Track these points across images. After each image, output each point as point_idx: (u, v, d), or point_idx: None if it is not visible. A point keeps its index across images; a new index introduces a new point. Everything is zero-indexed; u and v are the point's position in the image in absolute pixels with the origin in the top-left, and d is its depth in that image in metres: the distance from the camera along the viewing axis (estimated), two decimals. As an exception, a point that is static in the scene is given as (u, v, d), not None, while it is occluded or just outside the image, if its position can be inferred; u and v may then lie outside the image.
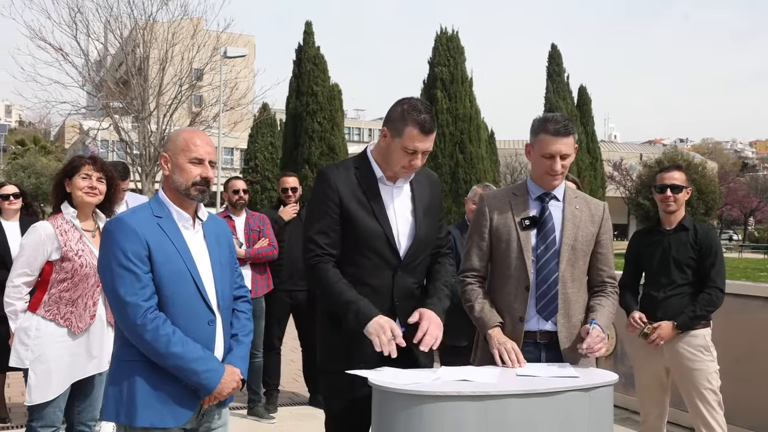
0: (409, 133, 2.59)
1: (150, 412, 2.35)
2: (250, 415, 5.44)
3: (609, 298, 2.87)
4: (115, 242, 2.36)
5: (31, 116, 79.28)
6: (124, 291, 2.32)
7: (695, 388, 3.78)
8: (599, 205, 2.94)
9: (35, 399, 3.36)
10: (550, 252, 2.80)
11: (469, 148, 21.04)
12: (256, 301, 5.40)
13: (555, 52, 31.39)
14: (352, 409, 2.67)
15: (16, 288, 3.44)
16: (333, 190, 2.64)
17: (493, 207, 2.90)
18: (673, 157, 35.32)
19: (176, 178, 2.48)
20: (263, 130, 31.36)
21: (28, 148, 60.98)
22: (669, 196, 3.89)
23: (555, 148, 2.76)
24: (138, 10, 20.55)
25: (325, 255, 2.62)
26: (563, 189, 2.92)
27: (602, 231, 2.89)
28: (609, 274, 2.92)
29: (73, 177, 3.49)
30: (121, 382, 2.38)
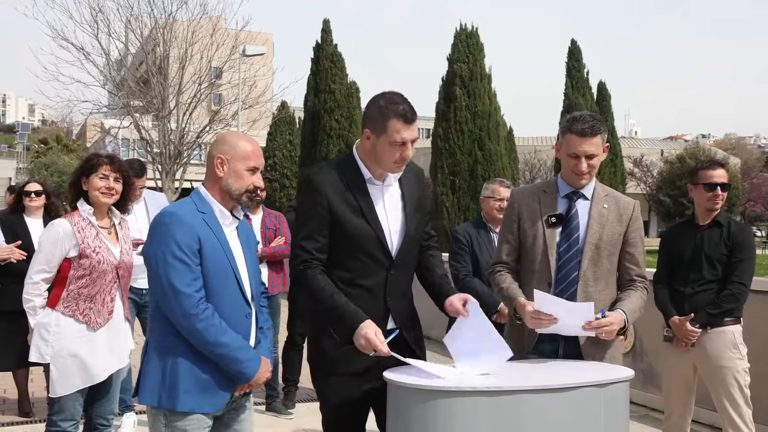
0: (393, 127, 2.57)
1: (191, 398, 2.47)
2: (268, 410, 5.48)
3: (637, 290, 2.88)
4: (170, 234, 2.45)
5: (54, 115, 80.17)
6: (179, 282, 2.43)
7: (722, 386, 3.72)
8: (629, 204, 2.93)
9: (57, 392, 3.43)
10: (573, 250, 2.82)
11: (487, 145, 20.91)
12: (273, 298, 5.44)
13: (574, 47, 31.08)
14: (347, 409, 2.67)
15: (35, 284, 3.51)
16: (321, 194, 2.60)
17: (522, 203, 2.94)
18: (695, 153, 34.85)
19: (231, 182, 2.57)
20: (282, 127, 31.42)
21: (51, 146, 61.75)
22: (719, 194, 3.81)
23: (580, 149, 2.80)
24: (158, 9, 20.72)
25: (312, 260, 2.60)
26: (593, 187, 2.92)
27: (631, 230, 2.89)
28: (638, 272, 2.91)
29: (91, 176, 3.53)
30: (164, 368, 2.48)
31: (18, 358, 5.16)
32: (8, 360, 5.24)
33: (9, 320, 5.20)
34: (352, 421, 2.71)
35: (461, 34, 21.66)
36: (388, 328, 2.66)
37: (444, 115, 21.13)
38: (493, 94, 21.57)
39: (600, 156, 2.85)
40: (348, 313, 2.53)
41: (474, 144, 20.82)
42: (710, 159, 4.38)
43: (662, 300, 3.92)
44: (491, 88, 21.56)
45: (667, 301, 3.90)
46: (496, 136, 20.95)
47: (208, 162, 2.61)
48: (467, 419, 2.19)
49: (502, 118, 21.74)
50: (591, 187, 2.91)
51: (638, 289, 2.87)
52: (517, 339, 2.89)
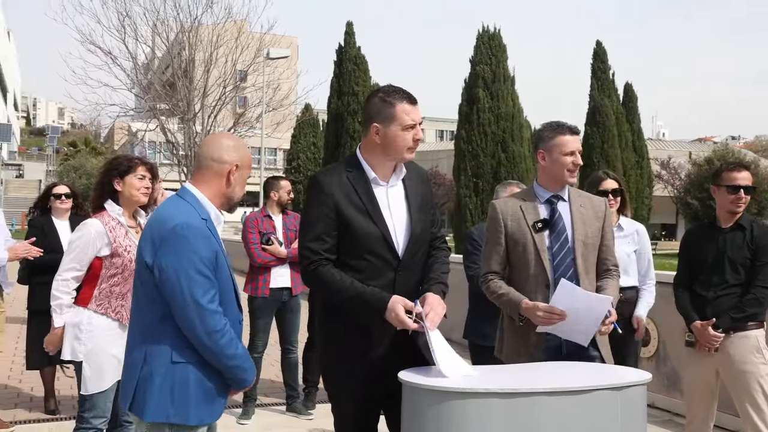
0: (401, 110, 2.63)
1: (200, 410, 2.42)
2: (288, 411, 5.51)
3: (614, 278, 3.11)
4: (191, 248, 2.35)
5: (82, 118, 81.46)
6: (204, 298, 2.34)
7: (745, 391, 3.67)
8: (600, 202, 3.20)
9: (91, 389, 3.48)
10: (564, 250, 3.00)
11: (511, 147, 20.82)
12: (294, 298, 5.48)
13: (600, 49, 30.84)
14: (359, 413, 2.70)
15: (64, 282, 3.57)
16: (327, 196, 2.62)
17: (506, 213, 3.10)
18: (724, 155, 34.31)
19: (237, 191, 2.55)
20: (306, 130, 31.63)
21: (80, 149, 62.77)
22: (742, 197, 3.75)
23: (573, 146, 3.06)
24: (184, 13, 20.94)
25: (321, 259, 2.60)
26: (567, 189, 3.13)
27: (606, 225, 3.15)
28: (613, 262, 3.16)
29: (127, 177, 3.62)
30: (172, 384, 2.39)
31: (47, 357, 5.26)
32: (37, 358, 5.34)
33: (38, 320, 5.30)
34: (364, 424, 2.72)
35: (484, 35, 21.58)
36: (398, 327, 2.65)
37: (467, 117, 21.06)
38: (516, 96, 21.46)
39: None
40: (373, 295, 2.55)
41: (497, 146, 20.74)
42: (735, 161, 4.31)
43: (683, 304, 3.87)
44: (514, 90, 21.45)
45: (688, 305, 3.85)
46: (520, 137, 20.84)
47: (213, 166, 2.51)
48: (481, 421, 2.19)
49: (526, 120, 21.63)
50: (566, 189, 3.13)
51: (614, 278, 3.11)
52: (521, 341, 3.00)
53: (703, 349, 3.73)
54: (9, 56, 76.06)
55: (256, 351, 5.37)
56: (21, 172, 63.92)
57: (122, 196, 3.64)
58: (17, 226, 35.32)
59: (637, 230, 4.27)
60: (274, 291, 5.36)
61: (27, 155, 73.68)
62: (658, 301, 4.31)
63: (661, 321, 5.65)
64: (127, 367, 2.50)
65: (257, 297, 5.36)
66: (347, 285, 2.56)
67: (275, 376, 6.33)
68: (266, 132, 22.69)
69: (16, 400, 5.79)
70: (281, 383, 5.73)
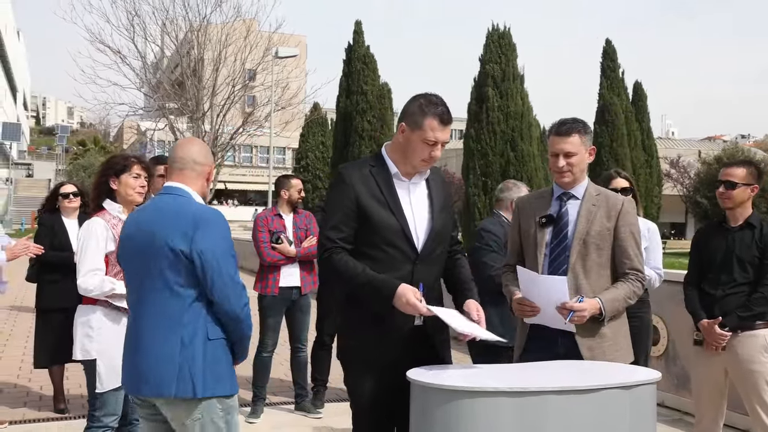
0: (429, 125, 2.69)
1: (232, 381, 2.69)
2: (297, 410, 5.51)
3: (626, 282, 2.99)
4: (225, 232, 2.65)
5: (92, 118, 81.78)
6: (237, 275, 2.63)
7: (754, 390, 3.66)
8: (618, 201, 3.08)
9: (106, 386, 3.49)
10: (561, 246, 3.01)
11: (520, 145, 20.76)
12: (304, 297, 5.48)
13: (609, 47, 30.72)
14: (378, 402, 2.70)
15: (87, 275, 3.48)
16: (349, 187, 2.70)
17: (522, 208, 3.21)
18: (733, 154, 34.11)
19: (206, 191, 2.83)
20: (314, 129, 31.62)
21: (89, 148, 63.10)
22: (722, 192, 3.79)
23: (557, 147, 3.03)
24: (193, 12, 21.01)
25: (336, 247, 2.69)
26: (584, 188, 3.09)
27: (620, 224, 3.02)
28: (631, 265, 3.01)
29: (123, 175, 3.64)
30: (211, 362, 2.57)
31: (53, 356, 5.29)
32: (45, 357, 5.37)
33: (46, 318, 5.33)
34: (382, 414, 2.72)
35: (493, 34, 21.53)
36: (416, 323, 2.71)
37: (476, 116, 21.02)
38: (526, 95, 21.39)
39: (580, 155, 3.02)
40: (384, 283, 2.61)
41: (506, 145, 20.68)
42: (741, 159, 4.31)
43: (691, 303, 3.87)
44: (524, 89, 21.38)
45: (696, 303, 3.84)
46: (529, 136, 20.77)
47: (196, 168, 2.77)
48: (490, 420, 2.18)
49: (535, 119, 21.55)
50: (582, 188, 3.08)
51: (627, 281, 2.98)
52: (521, 335, 3.10)
53: (711, 348, 3.71)
54: (18, 55, 76.47)
55: (266, 350, 5.38)
56: (30, 171, 64.28)
57: (118, 195, 3.67)
58: (27, 225, 35.51)
59: (649, 228, 4.26)
60: (284, 290, 5.36)
61: (36, 154, 74.09)
62: (667, 300, 4.29)
63: (671, 320, 5.62)
64: (155, 356, 2.57)
65: (266, 295, 5.37)
66: (359, 272, 2.63)
67: (284, 375, 6.33)
68: (275, 131, 22.73)
69: (26, 398, 5.81)
70: (290, 382, 5.73)
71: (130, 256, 2.70)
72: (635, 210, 3.14)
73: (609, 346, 2.95)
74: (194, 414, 2.57)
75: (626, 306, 3.01)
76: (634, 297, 3.00)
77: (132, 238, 2.69)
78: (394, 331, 2.68)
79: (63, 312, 4.95)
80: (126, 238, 2.74)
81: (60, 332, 5.05)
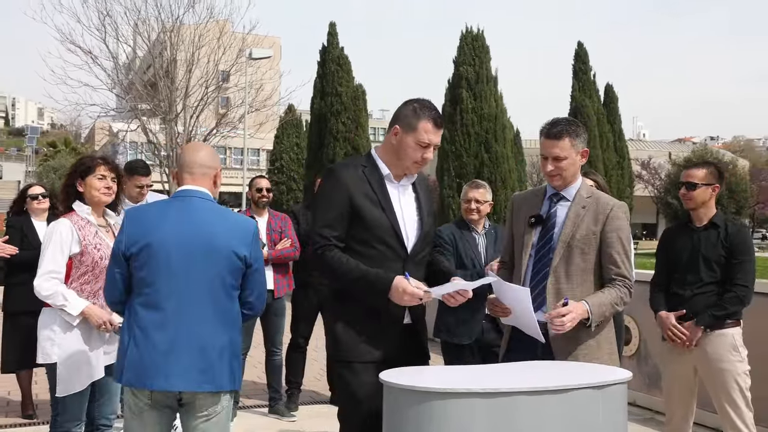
0: (423, 127, 2.76)
1: None
2: (271, 413, 5.48)
3: (614, 288, 2.90)
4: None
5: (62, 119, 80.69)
6: None
7: (723, 388, 3.70)
8: (607, 205, 2.97)
9: (66, 390, 3.41)
10: (546, 248, 2.96)
11: (494, 147, 20.87)
12: (278, 300, 5.44)
13: (581, 50, 31.06)
14: (369, 398, 2.69)
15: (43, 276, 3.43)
16: (342, 185, 2.74)
17: (516, 207, 3.17)
18: (703, 155, 34.69)
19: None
20: (289, 130, 31.43)
21: (59, 150, 62.15)
22: (684, 193, 3.86)
23: (546, 151, 2.98)
24: (165, 13, 20.81)
25: (329, 245, 2.72)
26: (576, 190, 3.01)
27: (607, 229, 2.92)
28: (617, 272, 2.92)
29: (88, 177, 3.57)
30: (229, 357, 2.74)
31: (21, 360, 5.19)
32: (13, 361, 5.27)
33: (14, 321, 5.23)
34: (373, 412, 2.69)
35: (467, 36, 21.63)
36: (405, 322, 2.78)
37: (450, 118, 21.09)
38: (500, 97, 21.52)
39: (570, 159, 2.95)
40: (378, 276, 2.66)
41: (480, 146, 20.78)
42: (701, 160, 4.38)
43: (656, 303, 3.93)
44: (497, 91, 21.51)
45: (657, 299, 3.92)
46: (503, 138, 20.90)
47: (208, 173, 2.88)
48: (463, 421, 2.19)
49: (509, 121, 21.71)
50: (573, 190, 3.01)
51: (614, 287, 2.89)
52: (505, 335, 3.11)
53: (679, 345, 3.75)
54: (-13, 56, 74.99)
55: (238, 352, 5.33)
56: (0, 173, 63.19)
57: (85, 197, 3.59)
58: (-4, 228, 34.83)
59: None
60: (256, 293, 5.32)
61: (6, 156, 72.84)
62: (638, 300, 4.32)
63: (642, 320, 5.68)
64: (218, 353, 2.70)
65: (238, 299, 5.32)
66: (353, 267, 2.67)
67: (257, 377, 6.29)
68: (249, 132, 22.62)
69: (-6, 404, 5.70)
70: (264, 385, 5.70)
71: (181, 252, 2.67)
72: (627, 214, 3.03)
73: (585, 355, 2.86)
74: (221, 403, 2.74)
75: (614, 311, 2.91)
76: (622, 303, 2.91)
77: (185, 236, 2.68)
78: (387, 327, 2.73)
79: (31, 315, 4.82)
80: (176, 234, 2.69)
81: (28, 336, 4.92)
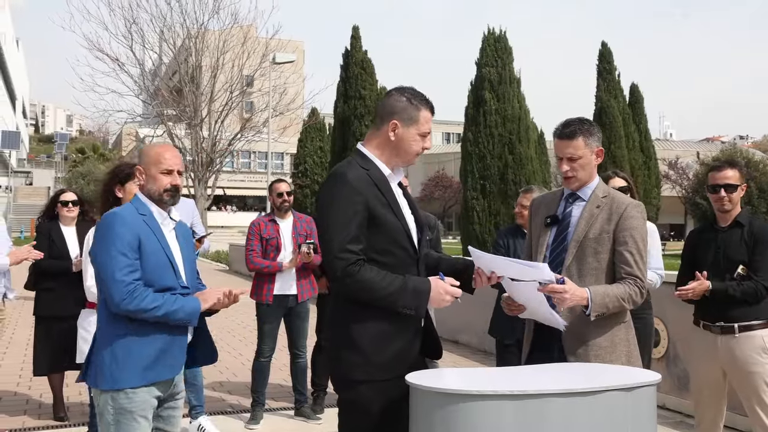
0: (424, 117, 2.68)
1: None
2: (297, 416, 5.50)
3: (623, 284, 2.82)
4: (107, 233, 2.78)
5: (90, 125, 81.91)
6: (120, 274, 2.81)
7: (753, 391, 3.65)
8: (622, 204, 2.93)
9: None
10: (560, 248, 2.95)
11: (518, 149, 20.81)
12: (302, 304, 5.45)
13: (605, 49, 30.81)
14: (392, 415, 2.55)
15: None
16: (357, 191, 2.56)
17: (534, 209, 3.18)
18: (732, 155, 34.17)
19: (150, 187, 2.88)
20: (312, 134, 31.64)
21: (88, 156, 63.09)
22: (723, 196, 3.78)
23: (560, 151, 2.96)
24: (190, 19, 21.08)
25: (360, 259, 2.54)
26: (592, 190, 2.99)
27: (620, 228, 2.88)
28: (628, 271, 2.84)
29: (127, 183, 3.64)
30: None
31: (52, 363, 5.27)
32: (44, 364, 5.35)
33: (44, 325, 5.32)
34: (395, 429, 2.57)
35: (489, 38, 21.58)
36: (424, 324, 2.71)
37: (473, 119, 21.04)
38: (523, 98, 21.43)
39: (585, 159, 2.92)
40: (418, 282, 2.57)
41: (504, 148, 20.72)
42: (722, 160, 4.25)
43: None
44: (520, 92, 21.43)
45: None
46: (527, 139, 20.82)
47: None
48: (491, 423, 2.17)
49: (533, 122, 21.61)
50: (589, 189, 2.99)
51: (624, 284, 2.82)
52: (526, 336, 3.07)
53: (680, 296, 3.76)
54: (17, 64, 76.55)
55: (263, 355, 5.36)
56: (30, 179, 64.27)
57: (124, 202, 3.64)
58: (26, 233, 35.45)
59: (648, 229, 4.25)
60: (279, 298, 5.34)
61: (36, 162, 74.06)
62: (667, 302, 4.29)
63: (671, 322, 5.61)
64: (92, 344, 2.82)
65: (261, 303, 5.36)
66: (392, 277, 2.53)
67: (283, 380, 6.32)
68: (273, 136, 22.75)
69: (25, 406, 5.80)
70: (290, 388, 5.72)
71: None
72: (642, 214, 2.96)
73: (596, 356, 2.80)
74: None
75: (620, 307, 2.82)
76: (630, 301, 2.82)
77: None
78: (412, 336, 2.63)
79: (61, 320, 4.94)
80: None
81: (59, 340, 5.04)
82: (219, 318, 11.97)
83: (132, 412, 2.69)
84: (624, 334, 2.91)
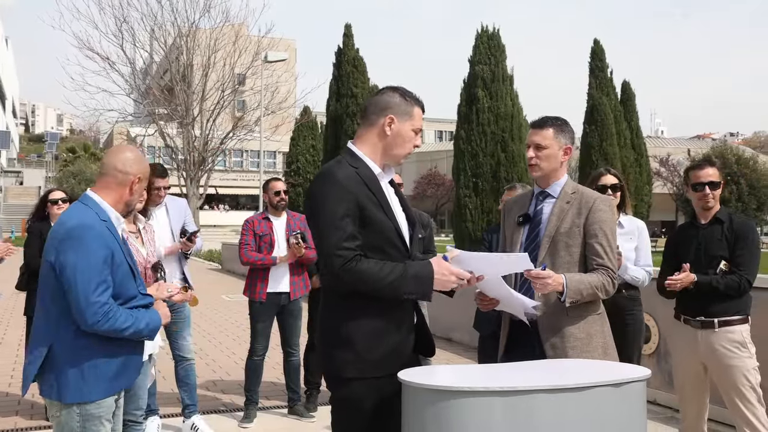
0: (417, 114, 2.72)
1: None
2: (290, 413, 5.50)
3: (596, 273, 2.90)
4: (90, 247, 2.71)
5: (81, 124, 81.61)
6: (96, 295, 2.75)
7: (733, 385, 3.71)
8: (590, 198, 3.02)
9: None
10: (533, 245, 3.01)
11: (510, 146, 20.85)
12: (294, 302, 5.46)
13: (597, 47, 30.91)
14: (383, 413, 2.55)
15: None
16: (347, 189, 2.55)
17: (507, 210, 3.25)
18: (722, 152, 34.42)
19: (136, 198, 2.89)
20: (304, 132, 31.62)
21: (79, 155, 62.80)
22: (708, 193, 3.82)
23: (529, 139, 3.06)
24: (181, 17, 21.02)
25: (358, 254, 2.52)
26: (561, 187, 3.07)
27: (590, 222, 2.96)
28: (599, 262, 2.92)
29: None
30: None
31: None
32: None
33: (36, 325, 5.30)
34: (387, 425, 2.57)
35: (483, 36, 21.60)
36: (416, 322, 2.70)
37: (466, 117, 21.07)
38: (516, 96, 21.48)
39: (551, 150, 3.00)
40: (419, 266, 2.55)
41: (497, 146, 20.75)
42: (701, 158, 4.32)
43: (663, 291, 3.92)
44: (513, 90, 21.47)
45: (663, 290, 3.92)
46: (519, 137, 20.85)
47: (118, 176, 2.80)
48: (481, 420, 2.19)
49: (525, 120, 21.65)
50: (558, 187, 3.06)
51: (598, 273, 2.90)
52: (502, 334, 3.11)
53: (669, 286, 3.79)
54: (7, 63, 76.15)
55: (257, 354, 5.36)
56: (21, 179, 63.98)
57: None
58: (17, 234, 35.31)
59: (638, 226, 4.28)
60: (272, 296, 5.34)
61: (26, 162, 73.75)
62: (657, 298, 4.32)
63: (662, 318, 5.64)
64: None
65: (255, 301, 5.36)
66: (391, 265, 2.51)
67: (276, 378, 6.33)
68: (265, 135, 22.72)
69: (17, 407, 5.78)
70: (283, 386, 5.72)
71: None
72: (611, 208, 3.03)
73: (573, 347, 2.84)
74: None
75: (594, 295, 2.87)
76: (603, 290, 2.88)
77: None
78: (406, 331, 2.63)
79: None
80: None
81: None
82: (212, 316, 11.93)
83: (99, 417, 2.73)
84: (599, 326, 2.96)
